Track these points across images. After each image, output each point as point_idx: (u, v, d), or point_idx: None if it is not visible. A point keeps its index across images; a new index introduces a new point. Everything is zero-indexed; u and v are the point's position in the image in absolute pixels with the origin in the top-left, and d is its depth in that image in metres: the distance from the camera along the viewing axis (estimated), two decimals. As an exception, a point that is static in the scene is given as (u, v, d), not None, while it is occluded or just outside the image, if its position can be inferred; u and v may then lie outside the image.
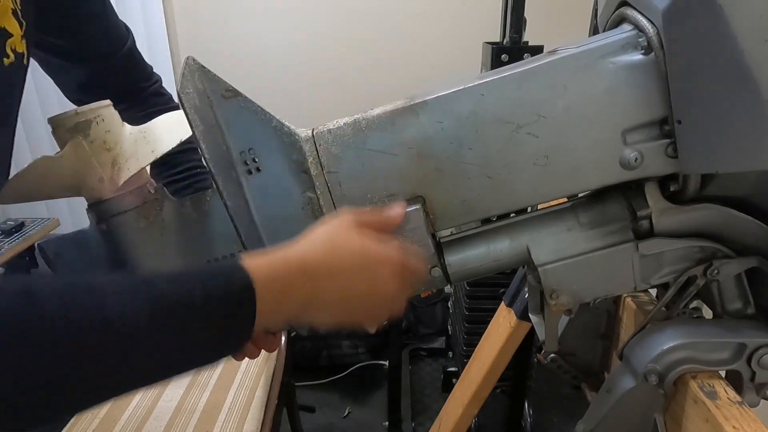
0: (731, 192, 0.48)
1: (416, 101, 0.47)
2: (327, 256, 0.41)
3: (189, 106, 0.45)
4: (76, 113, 0.50)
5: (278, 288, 0.38)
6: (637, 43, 0.45)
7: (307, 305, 0.40)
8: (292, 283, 0.39)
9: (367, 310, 0.44)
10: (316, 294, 0.40)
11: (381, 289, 0.43)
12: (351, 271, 0.42)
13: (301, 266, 0.40)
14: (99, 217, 0.53)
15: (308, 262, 0.40)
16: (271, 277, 0.38)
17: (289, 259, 0.40)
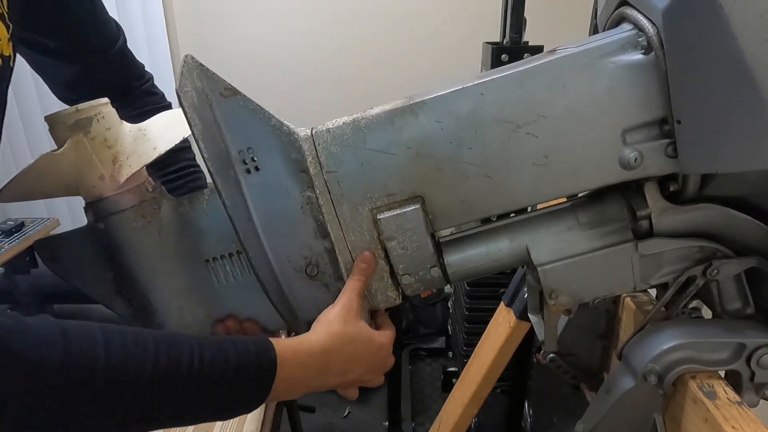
0: (731, 192, 0.48)
1: (415, 101, 0.46)
2: (342, 349, 0.49)
3: (188, 105, 0.45)
4: (77, 110, 0.50)
5: (296, 375, 0.46)
6: (637, 43, 0.44)
7: (314, 387, 0.49)
8: (309, 371, 0.47)
9: (353, 383, 0.53)
10: (325, 379, 0.48)
11: (374, 366, 0.53)
12: (357, 358, 0.50)
13: (322, 360, 0.47)
14: (96, 216, 0.52)
15: (328, 356, 0.48)
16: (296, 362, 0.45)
17: (312, 351, 0.47)
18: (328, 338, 0.48)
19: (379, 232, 0.49)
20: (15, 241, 1.43)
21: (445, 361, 1.95)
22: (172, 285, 0.54)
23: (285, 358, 0.44)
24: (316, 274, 0.51)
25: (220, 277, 0.53)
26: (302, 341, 0.47)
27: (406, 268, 0.51)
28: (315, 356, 0.47)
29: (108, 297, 0.55)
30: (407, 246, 0.49)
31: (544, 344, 0.59)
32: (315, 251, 0.50)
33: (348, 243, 0.50)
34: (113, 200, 0.52)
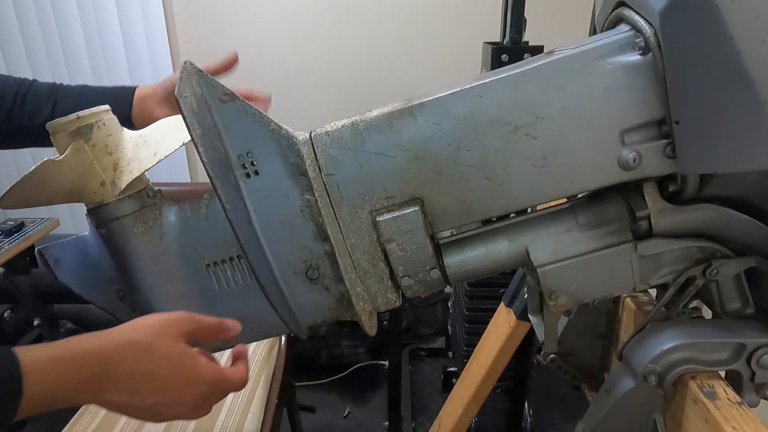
0: (730, 192, 0.48)
1: (413, 103, 0.47)
2: (133, 364, 0.41)
3: (187, 110, 0.45)
4: (78, 117, 0.50)
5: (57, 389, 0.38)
6: (634, 44, 0.44)
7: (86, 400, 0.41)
8: (75, 385, 0.39)
9: (156, 416, 0.44)
10: (99, 395, 0.40)
11: (178, 405, 0.44)
12: (152, 383, 0.42)
13: (98, 372, 0.39)
14: (98, 222, 0.53)
15: (108, 369, 0.40)
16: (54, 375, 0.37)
17: (84, 360, 0.39)
18: (117, 345, 0.40)
19: (379, 235, 0.49)
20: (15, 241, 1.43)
21: (445, 361, 1.95)
22: (174, 290, 0.54)
23: (38, 372, 0.37)
24: (317, 278, 0.51)
25: (221, 281, 0.53)
26: (72, 347, 0.39)
27: (405, 269, 0.51)
28: (85, 367, 0.38)
29: (110, 303, 0.56)
30: (407, 248, 0.50)
31: (544, 345, 0.59)
32: (315, 254, 0.50)
33: (348, 245, 0.50)
34: (114, 206, 0.52)
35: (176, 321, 0.45)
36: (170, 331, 0.44)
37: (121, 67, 1.94)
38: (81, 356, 0.39)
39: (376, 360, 1.95)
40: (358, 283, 0.51)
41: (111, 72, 1.95)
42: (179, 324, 0.45)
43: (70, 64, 1.93)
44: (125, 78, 1.95)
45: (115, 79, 1.96)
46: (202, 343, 0.56)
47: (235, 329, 0.50)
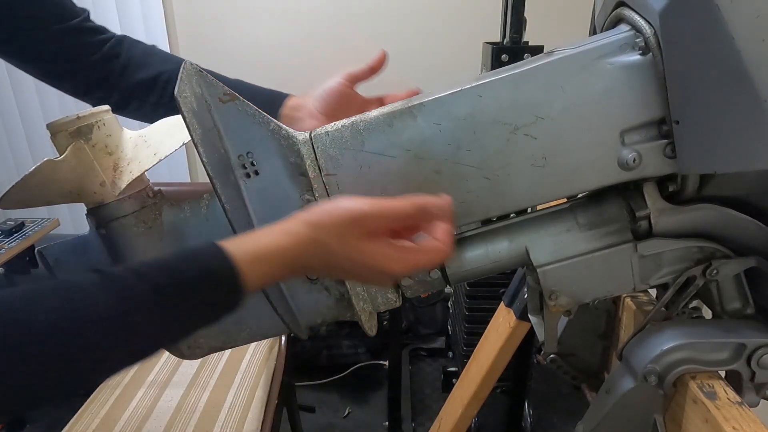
0: (730, 192, 0.48)
1: (413, 103, 0.47)
2: (314, 261, 0.43)
3: (187, 110, 0.45)
4: (78, 117, 0.50)
5: (264, 273, 0.41)
6: (634, 44, 0.45)
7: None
8: (280, 274, 0.43)
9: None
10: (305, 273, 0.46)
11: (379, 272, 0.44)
12: (350, 268, 0.44)
13: (292, 266, 0.43)
14: (98, 222, 0.53)
15: (297, 265, 0.43)
16: (257, 265, 0.41)
17: (282, 256, 0.42)
18: (307, 243, 0.42)
19: (379, 235, 0.49)
20: (15, 241, 1.43)
21: (445, 361, 1.95)
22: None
23: (251, 271, 0.40)
24: (317, 278, 0.51)
25: (220, 280, 0.53)
26: (274, 249, 0.42)
27: (405, 270, 0.51)
28: (286, 259, 0.42)
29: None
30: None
31: (544, 345, 0.59)
32: (315, 254, 0.50)
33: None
34: (114, 206, 0.52)
35: (359, 219, 0.43)
36: (353, 233, 0.43)
37: (121, 67, 1.93)
38: (280, 253, 0.42)
39: (376, 360, 1.95)
40: (358, 283, 0.51)
41: (111, 72, 1.94)
42: (363, 223, 0.43)
43: (70, 64, 1.93)
44: (125, 78, 1.95)
45: (115, 79, 1.95)
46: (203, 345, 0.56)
47: (441, 211, 0.45)
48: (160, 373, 1.10)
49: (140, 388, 1.05)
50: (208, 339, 0.56)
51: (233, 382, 1.07)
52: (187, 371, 1.11)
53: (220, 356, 1.15)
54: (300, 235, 0.42)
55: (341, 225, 0.43)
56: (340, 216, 0.43)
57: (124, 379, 1.08)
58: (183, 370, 1.11)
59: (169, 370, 1.11)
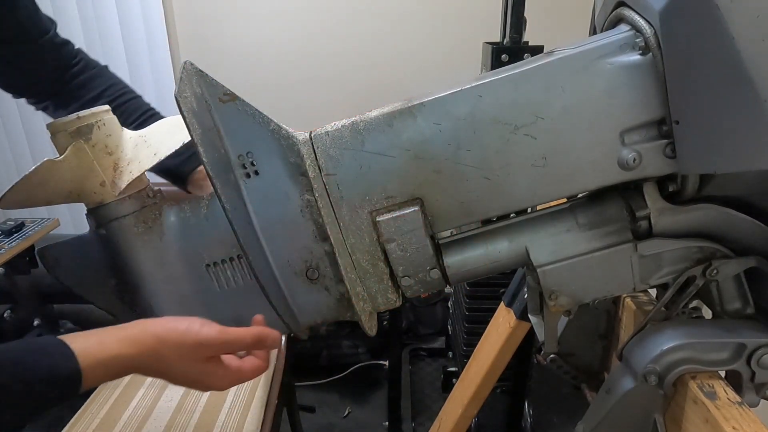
0: (730, 192, 0.48)
1: (413, 103, 0.47)
2: (165, 372, 0.48)
3: (187, 110, 0.45)
4: (78, 117, 0.50)
5: (103, 375, 0.45)
6: (634, 44, 0.44)
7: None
8: (117, 376, 0.46)
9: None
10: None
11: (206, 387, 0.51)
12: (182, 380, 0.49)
13: (129, 371, 0.46)
14: (98, 222, 0.53)
15: (135, 370, 0.47)
16: (99, 369, 0.44)
17: (125, 368, 0.46)
18: (148, 353, 0.46)
19: (379, 235, 0.49)
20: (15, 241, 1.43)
21: (445, 361, 1.95)
22: (174, 290, 0.54)
23: (93, 376, 0.44)
24: (317, 278, 0.51)
25: (221, 281, 0.53)
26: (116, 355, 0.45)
27: (405, 270, 0.51)
28: (126, 370, 0.46)
29: (110, 303, 0.56)
30: (407, 248, 0.50)
31: (544, 345, 0.59)
32: (315, 254, 0.50)
33: (348, 245, 0.50)
34: (114, 206, 0.52)
35: (206, 345, 0.48)
36: (196, 355, 0.48)
37: (121, 67, 1.94)
38: (122, 361, 0.45)
39: (376, 360, 1.95)
40: (358, 283, 0.51)
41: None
42: (208, 349, 0.48)
43: (70, 64, 1.93)
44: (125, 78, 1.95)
45: (115, 79, 1.95)
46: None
47: (274, 344, 0.52)
48: (160, 373, 1.10)
49: (140, 388, 1.05)
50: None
51: (233, 382, 1.07)
52: (187, 371, 1.10)
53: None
54: (145, 345, 0.46)
55: (186, 346, 0.47)
56: (188, 339, 0.47)
57: (124, 379, 1.08)
58: (183, 370, 1.11)
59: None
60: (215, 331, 0.48)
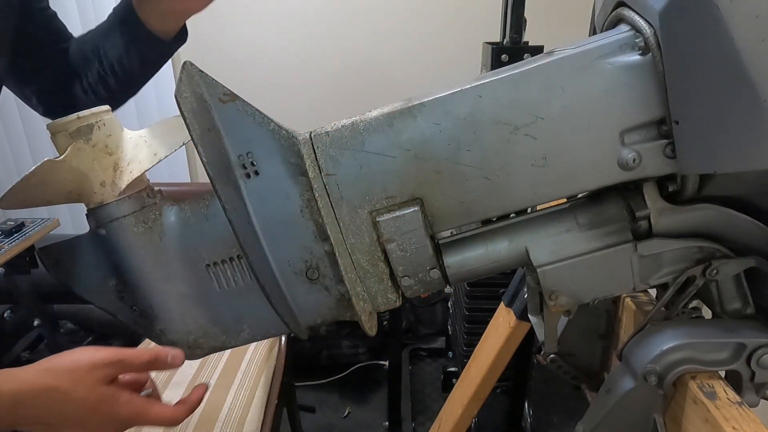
0: (730, 192, 0.48)
1: (413, 103, 0.47)
2: (48, 406, 0.43)
3: (186, 110, 0.45)
4: (78, 117, 0.50)
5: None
6: (634, 44, 0.44)
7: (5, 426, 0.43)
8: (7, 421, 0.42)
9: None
10: (15, 424, 0.43)
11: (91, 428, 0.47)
12: (69, 420, 0.45)
13: (13, 411, 0.42)
14: (98, 222, 0.53)
15: (19, 411, 0.42)
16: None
17: (14, 408, 0.42)
18: (33, 390, 0.43)
19: (379, 235, 0.49)
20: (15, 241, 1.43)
21: (445, 361, 1.95)
22: (174, 290, 0.54)
23: None
24: (317, 278, 0.51)
25: (221, 281, 0.53)
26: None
27: (405, 270, 0.51)
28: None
29: (110, 303, 0.56)
30: (407, 248, 0.50)
31: (544, 345, 0.59)
32: (315, 254, 0.50)
33: (348, 245, 0.50)
34: (114, 206, 0.52)
35: (101, 365, 0.46)
36: (91, 377, 0.45)
37: (121, 67, 1.93)
38: (11, 398, 0.41)
39: (376, 360, 1.95)
40: (358, 283, 0.51)
41: (111, 72, 1.94)
42: (103, 369, 0.46)
43: (70, 64, 1.93)
44: (125, 78, 1.95)
45: (115, 79, 1.96)
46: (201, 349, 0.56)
47: (174, 361, 0.50)
48: (160, 373, 1.10)
49: (140, 388, 1.05)
50: (208, 339, 0.57)
51: (233, 382, 1.07)
52: (187, 371, 1.11)
53: (220, 356, 1.15)
54: (36, 382, 0.43)
55: (80, 370, 0.45)
56: (81, 362, 0.45)
57: (124, 379, 1.08)
58: (183, 370, 1.11)
59: (170, 371, 1.11)
60: (109, 351, 0.47)
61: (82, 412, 0.45)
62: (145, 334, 0.57)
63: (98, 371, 0.46)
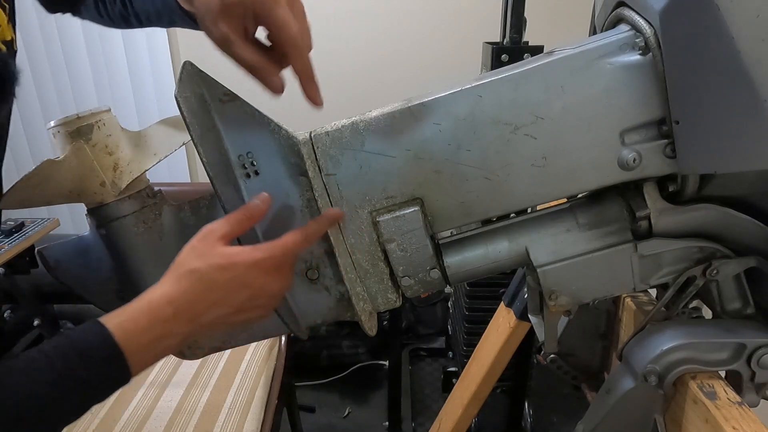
0: (730, 192, 0.48)
1: (414, 103, 0.47)
2: (196, 290, 0.43)
3: (187, 111, 0.45)
4: (78, 117, 0.50)
5: (151, 338, 0.42)
6: (634, 44, 0.45)
7: (192, 334, 0.44)
8: (165, 329, 0.43)
9: (255, 310, 0.47)
10: (197, 326, 0.44)
11: (260, 290, 0.45)
12: (224, 290, 0.44)
13: (173, 311, 0.43)
14: (98, 222, 0.53)
15: (178, 306, 0.43)
16: (138, 332, 0.42)
17: (156, 308, 0.43)
18: (173, 282, 0.43)
19: (379, 235, 0.49)
20: (15, 241, 1.43)
21: (445, 361, 1.95)
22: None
23: (124, 332, 0.41)
24: (317, 278, 0.51)
25: (220, 280, 0.53)
26: (141, 302, 0.43)
27: (405, 270, 0.51)
28: (161, 309, 0.42)
29: (111, 303, 0.56)
30: (407, 248, 0.50)
31: (544, 345, 0.59)
32: (315, 254, 0.50)
33: (348, 245, 0.50)
34: (115, 206, 0.52)
35: (209, 232, 0.45)
36: (207, 245, 0.44)
37: (122, 67, 1.94)
38: (155, 307, 0.43)
39: (376, 360, 1.95)
40: (358, 283, 0.51)
41: (111, 72, 1.95)
42: (212, 234, 0.45)
43: (69, 63, 1.93)
44: (125, 78, 1.95)
45: (116, 79, 1.96)
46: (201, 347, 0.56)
47: (261, 207, 0.47)
48: (160, 373, 1.10)
49: (140, 388, 1.05)
50: (208, 339, 0.57)
51: (233, 383, 1.07)
52: (187, 371, 1.11)
53: (220, 356, 1.15)
54: (169, 275, 0.44)
55: (200, 239, 0.45)
56: (200, 234, 0.45)
57: (124, 379, 1.08)
58: (183, 371, 1.11)
59: (169, 371, 1.11)
60: (217, 224, 0.45)
61: (222, 275, 0.44)
62: (145, 334, 0.57)
63: (210, 238, 0.45)
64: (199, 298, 0.43)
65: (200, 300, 0.43)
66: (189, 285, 0.43)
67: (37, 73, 1.92)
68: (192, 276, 0.43)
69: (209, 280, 0.43)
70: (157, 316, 0.42)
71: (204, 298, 0.44)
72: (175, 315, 0.43)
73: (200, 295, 0.43)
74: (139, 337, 0.42)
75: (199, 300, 0.43)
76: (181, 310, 0.43)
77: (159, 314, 0.42)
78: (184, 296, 0.43)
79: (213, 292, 0.44)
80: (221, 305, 0.44)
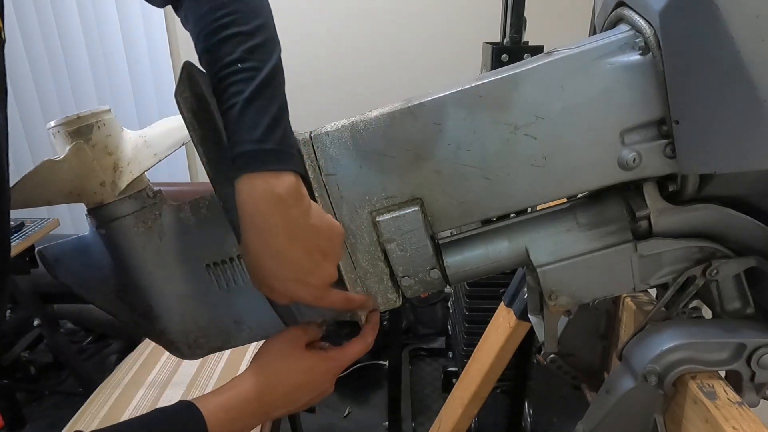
0: (730, 192, 0.48)
1: (413, 103, 0.46)
2: (279, 390, 0.49)
3: (187, 110, 0.45)
4: (78, 117, 0.50)
5: (234, 429, 0.47)
6: (634, 44, 0.45)
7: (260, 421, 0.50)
8: (247, 423, 0.48)
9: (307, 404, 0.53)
10: (268, 415, 0.50)
11: (325, 392, 0.53)
12: (300, 392, 0.50)
13: (258, 406, 0.48)
14: (98, 222, 0.53)
15: (263, 402, 0.48)
16: (227, 422, 0.46)
17: (245, 402, 0.47)
18: (262, 380, 0.48)
19: (379, 235, 0.49)
20: (15, 241, 1.43)
21: (445, 361, 1.95)
22: (174, 290, 0.54)
23: (217, 420, 0.45)
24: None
25: (221, 281, 0.53)
26: (233, 392, 0.47)
27: (405, 270, 0.51)
28: (249, 404, 0.47)
29: (110, 304, 0.56)
30: (407, 248, 0.50)
31: (544, 345, 0.59)
32: (315, 254, 0.50)
33: (347, 245, 0.50)
34: (114, 206, 0.52)
35: (295, 338, 0.51)
36: (294, 350, 0.50)
37: (122, 66, 1.94)
38: (244, 401, 0.48)
39: (376, 360, 1.95)
40: (358, 283, 0.51)
41: (111, 72, 1.95)
42: (296, 340, 0.51)
43: (70, 63, 1.93)
44: (125, 78, 1.96)
45: (115, 79, 1.96)
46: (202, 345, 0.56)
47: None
48: (160, 373, 1.10)
49: (140, 388, 1.05)
50: (209, 339, 0.57)
51: (233, 382, 1.07)
52: (187, 371, 1.11)
53: (220, 356, 1.15)
54: (251, 369, 0.49)
55: (282, 340, 0.51)
56: (285, 333, 0.51)
57: (124, 379, 1.08)
58: (183, 371, 1.11)
59: (169, 371, 1.11)
60: (295, 329, 0.52)
61: (301, 377, 0.50)
62: (145, 334, 0.57)
63: (297, 343, 0.51)
64: (281, 398, 0.49)
65: (280, 399, 0.49)
66: (275, 384, 0.49)
67: (37, 73, 1.92)
68: (278, 376, 0.49)
69: (294, 384, 0.50)
70: (246, 410, 0.47)
71: (284, 398, 0.49)
72: (259, 409, 0.48)
73: (282, 396, 0.49)
74: (226, 426, 0.46)
75: (280, 399, 0.49)
76: (264, 405, 0.48)
77: (247, 408, 0.47)
78: (270, 395, 0.48)
79: (293, 394, 0.50)
80: (293, 404, 0.50)
